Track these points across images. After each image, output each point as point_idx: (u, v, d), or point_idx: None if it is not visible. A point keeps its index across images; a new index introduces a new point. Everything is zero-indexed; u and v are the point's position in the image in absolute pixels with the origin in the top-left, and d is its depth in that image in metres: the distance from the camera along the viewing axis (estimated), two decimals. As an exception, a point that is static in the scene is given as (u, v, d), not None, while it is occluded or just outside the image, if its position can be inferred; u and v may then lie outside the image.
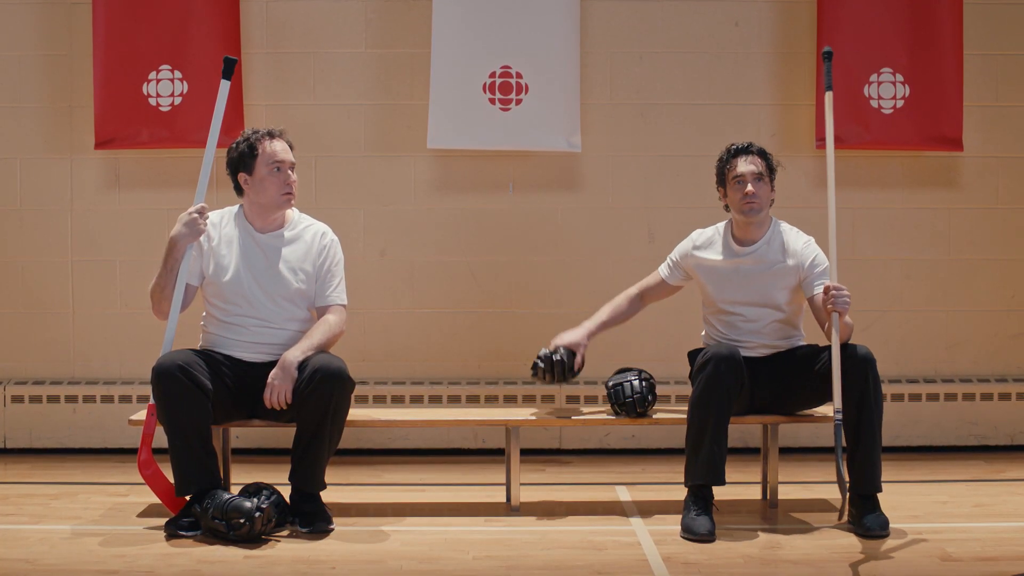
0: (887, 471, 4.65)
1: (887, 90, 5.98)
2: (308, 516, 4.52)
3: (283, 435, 4.86)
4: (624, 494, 5.19)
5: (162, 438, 4.43)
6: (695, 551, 4.28)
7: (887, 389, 6.00)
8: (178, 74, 5.90)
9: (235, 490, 4.53)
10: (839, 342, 4.49)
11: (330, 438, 4.52)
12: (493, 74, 5.96)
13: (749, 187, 4.69)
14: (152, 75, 5.90)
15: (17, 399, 6.05)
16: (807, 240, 4.77)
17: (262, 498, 4.44)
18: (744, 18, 6.14)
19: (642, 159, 6.17)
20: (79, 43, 6.01)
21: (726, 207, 4.84)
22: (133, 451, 4.94)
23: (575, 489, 5.35)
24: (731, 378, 4.51)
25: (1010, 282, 6.23)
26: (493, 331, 6.17)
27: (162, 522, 4.52)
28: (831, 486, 5.15)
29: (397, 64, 6.11)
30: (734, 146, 4.79)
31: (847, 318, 4.52)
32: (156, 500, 4.65)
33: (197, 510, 4.39)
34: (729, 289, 4.80)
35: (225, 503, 4.33)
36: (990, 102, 6.15)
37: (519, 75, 5.96)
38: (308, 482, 4.54)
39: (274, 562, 4.15)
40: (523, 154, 6.10)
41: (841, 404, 4.44)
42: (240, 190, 4.73)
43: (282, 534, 4.46)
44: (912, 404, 6.12)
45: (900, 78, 5.98)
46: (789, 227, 4.81)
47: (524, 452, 5.03)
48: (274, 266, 4.68)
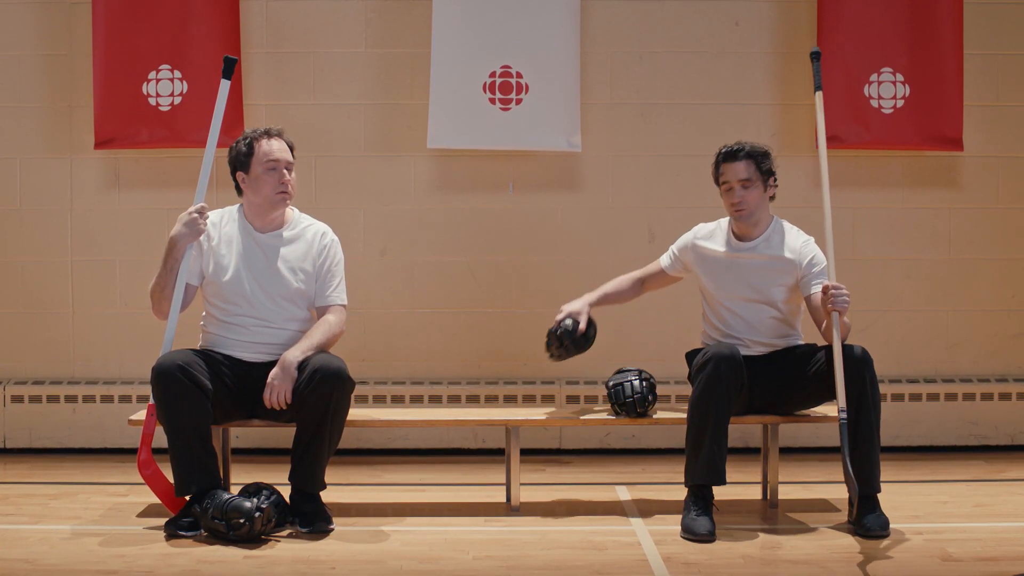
0: (887, 471, 4.65)
1: (887, 90, 5.98)
2: (308, 516, 4.52)
3: (283, 435, 4.86)
4: (624, 494, 5.19)
5: (162, 438, 4.43)
6: (695, 551, 4.27)
7: (887, 389, 6.00)
8: (178, 74, 5.90)
9: (235, 490, 4.53)
10: (839, 342, 4.49)
11: (330, 438, 4.52)
12: (493, 74, 5.96)
13: (735, 195, 4.71)
14: (152, 75, 5.90)
15: (17, 399, 6.05)
16: (806, 239, 4.77)
17: (262, 498, 4.44)
18: (744, 18, 6.14)
19: (642, 159, 6.17)
20: (79, 43, 6.01)
21: None
22: (133, 451, 4.94)
23: (575, 489, 5.35)
24: (731, 378, 4.51)
25: (1010, 282, 6.23)
26: (493, 331, 6.17)
27: (162, 522, 4.52)
28: (831, 486, 5.16)
29: (397, 64, 6.11)
30: (723, 150, 4.78)
31: (845, 318, 4.52)
32: (156, 500, 4.65)
33: (197, 510, 4.39)
34: (727, 284, 4.80)
35: (225, 503, 4.32)
36: (990, 102, 6.15)
37: (519, 75, 5.96)
38: (308, 482, 4.54)
39: (274, 562, 4.14)
40: (523, 154, 6.10)
41: (843, 403, 4.43)
42: (240, 190, 4.73)
43: (282, 534, 4.45)
44: (912, 404, 6.11)
45: (900, 78, 5.98)
46: (790, 226, 4.81)
47: (524, 452, 5.03)
48: (274, 266, 4.67)
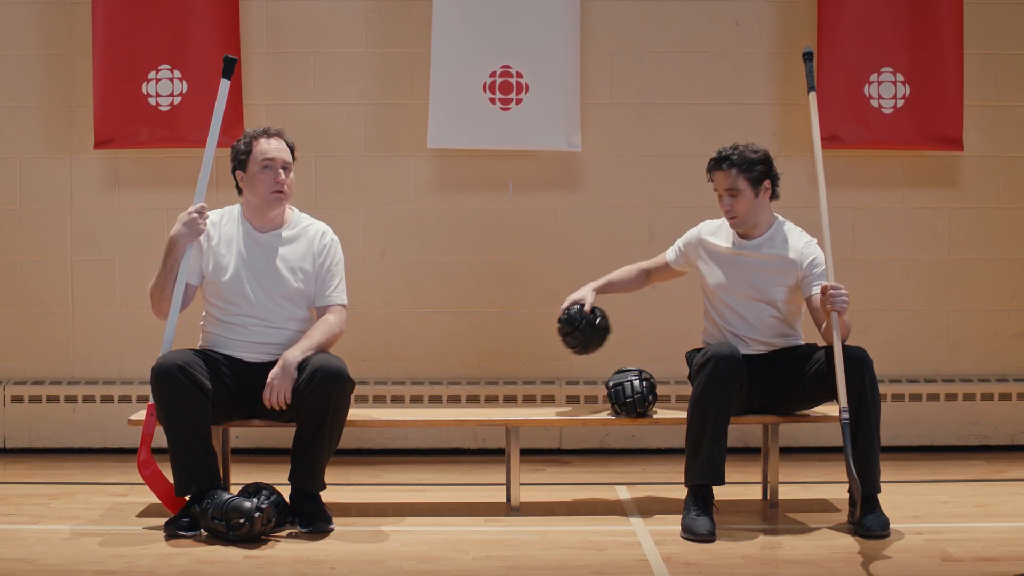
0: (888, 471, 4.65)
1: (887, 89, 5.98)
2: (308, 516, 4.51)
3: (283, 435, 4.86)
4: (624, 494, 5.19)
5: (162, 438, 4.43)
6: (695, 551, 4.27)
7: (887, 389, 6.00)
8: (178, 74, 5.90)
9: (235, 490, 4.53)
10: (839, 342, 4.49)
11: (330, 438, 4.52)
12: (493, 74, 5.96)
13: (724, 203, 4.73)
14: (152, 75, 5.90)
15: (17, 399, 6.05)
16: (809, 240, 4.76)
17: (262, 498, 4.43)
18: (744, 18, 6.13)
19: (642, 159, 6.17)
20: (79, 43, 6.01)
21: None
22: (133, 451, 4.94)
23: (575, 489, 5.35)
24: (731, 377, 4.51)
25: (1010, 282, 6.23)
26: (493, 331, 6.17)
27: (162, 522, 4.51)
28: (831, 486, 5.16)
29: (397, 64, 6.11)
30: (714, 156, 4.78)
31: (845, 318, 4.52)
32: (156, 500, 4.65)
33: (197, 510, 4.39)
34: (728, 281, 4.79)
35: (225, 503, 4.32)
36: (990, 102, 6.15)
37: (519, 75, 5.96)
38: (308, 482, 4.54)
39: (274, 562, 4.14)
40: (523, 154, 6.10)
41: (845, 404, 4.43)
42: (240, 189, 4.73)
43: (282, 534, 4.45)
44: (912, 404, 6.11)
45: (900, 78, 5.98)
46: (793, 226, 4.81)
47: (524, 452, 5.03)
48: (273, 265, 4.67)
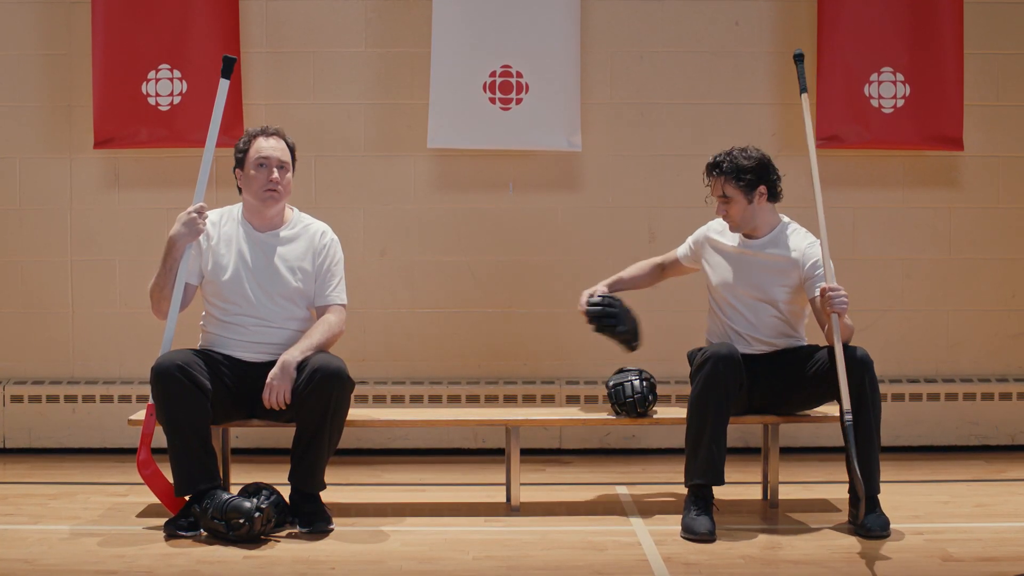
0: (888, 471, 4.64)
1: (887, 89, 5.98)
2: (308, 516, 4.51)
3: (283, 435, 4.86)
4: (624, 494, 5.19)
5: (161, 438, 4.42)
6: (695, 551, 4.27)
7: (887, 389, 6.00)
8: (177, 73, 5.90)
9: (234, 490, 4.53)
10: (840, 344, 4.48)
11: (330, 438, 4.51)
12: (493, 73, 5.96)
13: (719, 209, 4.75)
14: (151, 74, 5.90)
15: (16, 399, 6.05)
16: (812, 241, 4.74)
17: (261, 498, 4.43)
18: (744, 17, 6.13)
19: (642, 159, 6.16)
20: (78, 42, 6.00)
21: None
22: (132, 451, 4.93)
23: (575, 489, 5.34)
24: (730, 377, 4.51)
25: (1010, 282, 6.23)
26: (493, 331, 6.16)
27: (161, 522, 4.51)
28: (831, 486, 5.15)
29: (397, 64, 6.11)
30: (708, 162, 4.79)
31: (847, 319, 4.51)
32: (155, 500, 4.65)
33: (196, 510, 4.38)
34: (732, 279, 4.79)
35: (224, 503, 4.32)
36: (991, 101, 6.15)
37: (519, 74, 5.96)
38: (308, 482, 4.54)
39: (274, 562, 4.14)
40: (523, 154, 6.09)
41: (848, 405, 4.42)
42: (240, 188, 4.74)
43: (281, 534, 4.45)
44: (913, 404, 6.11)
45: (900, 77, 5.97)
46: (798, 227, 4.80)
47: (524, 452, 5.03)
48: (273, 265, 4.67)
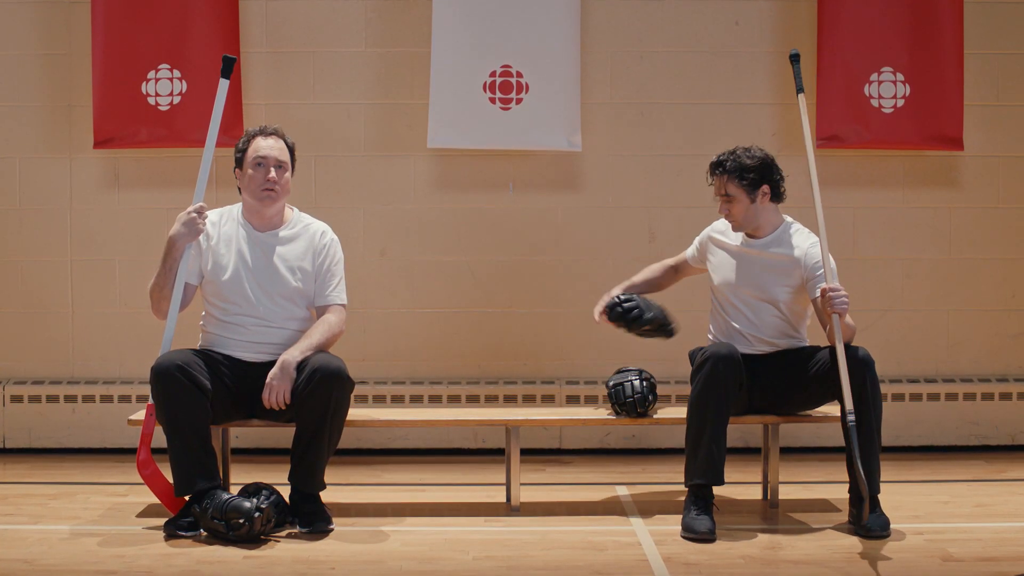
0: (888, 471, 4.64)
1: (887, 89, 5.98)
2: (308, 516, 4.51)
3: (282, 435, 4.86)
4: (624, 494, 5.18)
5: (161, 438, 4.42)
6: (695, 551, 4.27)
7: (887, 389, 5.99)
8: (177, 73, 5.89)
9: (234, 490, 4.53)
10: (841, 344, 4.48)
11: (330, 438, 4.51)
12: (493, 73, 5.95)
13: (721, 208, 4.75)
14: (151, 74, 5.89)
15: (16, 399, 6.05)
16: (815, 241, 4.71)
17: (261, 498, 4.43)
18: (744, 17, 6.13)
19: (642, 158, 6.16)
20: (78, 42, 6.00)
21: None
22: (132, 451, 4.93)
23: (575, 489, 5.34)
24: (730, 377, 4.51)
25: (1011, 282, 6.23)
26: (493, 331, 6.16)
27: (161, 522, 4.51)
28: (831, 486, 5.15)
29: (397, 64, 6.11)
30: (712, 160, 4.79)
31: (849, 320, 4.51)
32: (155, 500, 4.65)
33: (196, 510, 4.38)
34: (733, 278, 4.79)
35: (224, 503, 4.32)
36: (991, 101, 6.15)
37: (519, 74, 5.95)
38: (308, 482, 4.53)
39: (274, 562, 4.14)
40: (523, 154, 6.09)
41: (851, 406, 4.41)
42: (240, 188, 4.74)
43: (281, 534, 4.45)
44: (913, 404, 6.11)
45: (900, 77, 5.97)
46: (801, 227, 4.80)
47: (524, 452, 5.03)
48: (272, 265, 4.67)
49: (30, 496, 5.14)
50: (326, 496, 4.61)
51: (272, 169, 4.63)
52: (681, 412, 4.74)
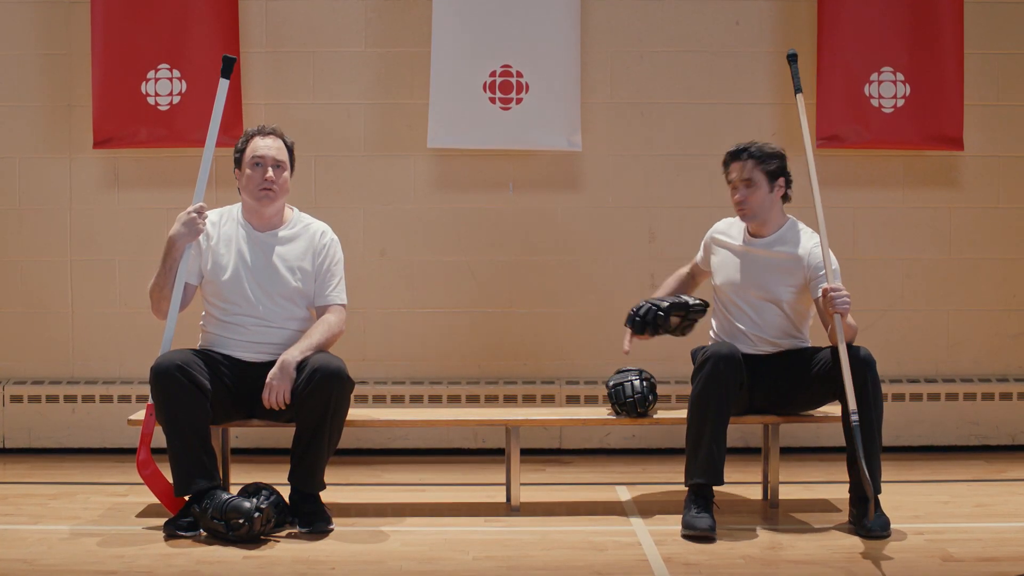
0: (888, 471, 4.64)
1: (887, 89, 5.97)
2: (307, 516, 4.51)
3: (282, 435, 4.85)
4: (624, 494, 5.18)
5: (161, 438, 4.42)
6: (696, 551, 4.27)
7: (888, 389, 5.99)
8: (177, 73, 5.89)
9: (234, 490, 4.53)
10: (844, 344, 4.47)
11: (329, 438, 4.51)
12: (493, 73, 5.95)
13: (737, 194, 4.72)
14: (151, 74, 5.89)
15: (16, 399, 6.04)
16: (818, 241, 4.70)
17: (261, 498, 4.43)
18: (745, 17, 6.13)
19: (642, 158, 6.16)
20: (78, 42, 6.00)
21: None
22: (132, 451, 4.93)
23: (575, 489, 5.34)
24: (730, 377, 4.51)
25: (1011, 281, 6.22)
26: (493, 331, 6.16)
27: (161, 522, 4.51)
28: (832, 486, 5.15)
29: (397, 63, 6.10)
30: (730, 149, 4.79)
31: (850, 320, 4.51)
32: (155, 500, 4.64)
33: (196, 510, 4.38)
34: (736, 277, 4.79)
35: (224, 503, 4.31)
36: (991, 101, 6.14)
37: (519, 74, 5.95)
38: (307, 482, 4.53)
39: (273, 562, 4.14)
40: (523, 154, 6.09)
41: (855, 406, 4.40)
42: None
43: (281, 534, 4.45)
44: (913, 404, 6.11)
45: (900, 77, 5.97)
46: (805, 227, 4.80)
47: (524, 452, 5.03)
48: (272, 265, 4.67)
49: (30, 496, 5.13)
50: (326, 496, 4.61)
51: (270, 169, 4.63)
52: (681, 412, 4.74)
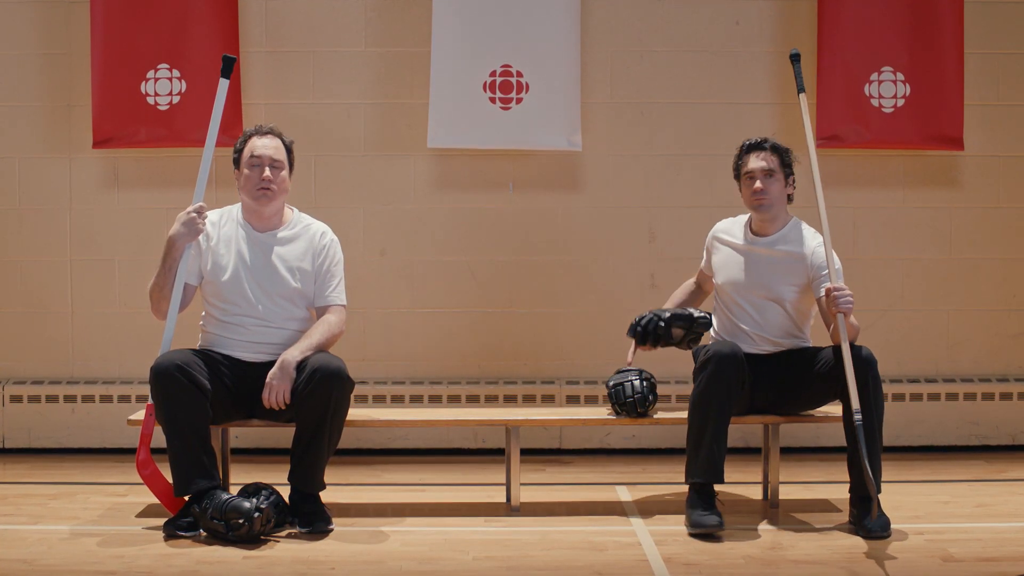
0: (888, 471, 4.63)
1: (888, 89, 5.97)
2: (307, 516, 4.51)
3: (282, 435, 4.85)
4: (624, 494, 5.18)
5: (161, 438, 4.42)
6: (696, 552, 4.26)
7: (888, 389, 5.98)
8: (176, 73, 5.89)
9: (234, 490, 4.52)
10: (847, 343, 4.47)
11: (329, 438, 4.51)
12: (493, 73, 5.95)
13: (757, 183, 4.71)
14: (150, 74, 5.89)
15: (16, 399, 6.04)
16: (821, 241, 4.71)
17: (261, 498, 4.43)
18: (745, 17, 6.13)
19: (642, 158, 6.16)
20: (77, 42, 6.00)
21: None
22: (132, 451, 4.92)
23: (575, 489, 5.34)
24: (732, 376, 4.51)
25: (1011, 281, 6.22)
26: (493, 331, 6.16)
27: (161, 522, 4.50)
28: (832, 486, 5.15)
29: (397, 63, 6.10)
30: (748, 142, 4.81)
31: (853, 320, 4.51)
32: (155, 500, 4.64)
33: (196, 510, 4.38)
34: (738, 276, 4.79)
35: (224, 503, 4.31)
36: (991, 101, 6.14)
37: (519, 74, 5.95)
38: (307, 482, 4.53)
39: (273, 562, 4.13)
40: (523, 153, 6.09)
41: (858, 405, 4.40)
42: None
43: (281, 534, 4.44)
44: (913, 404, 6.10)
45: (901, 77, 5.97)
46: (807, 227, 4.80)
47: (524, 452, 5.02)
48: (272, 265, 4.66)
49: (30, 496, 5.13)
50: (326, 496, 4.61)
51: (267, 168, 4.63)
52: (681, 412, 4.74)
